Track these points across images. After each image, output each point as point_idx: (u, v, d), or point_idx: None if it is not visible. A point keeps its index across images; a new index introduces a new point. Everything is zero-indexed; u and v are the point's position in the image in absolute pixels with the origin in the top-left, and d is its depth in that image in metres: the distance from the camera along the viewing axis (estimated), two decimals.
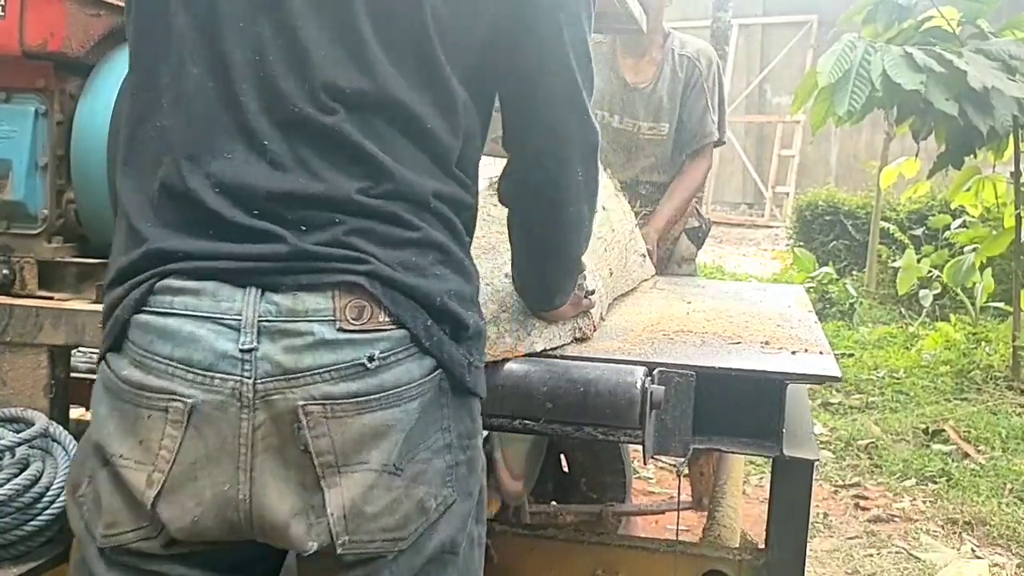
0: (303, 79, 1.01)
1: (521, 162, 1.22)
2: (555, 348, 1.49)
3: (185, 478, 0.99)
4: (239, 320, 0.98)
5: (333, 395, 0.99)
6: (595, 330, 1.61)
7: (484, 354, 1.16)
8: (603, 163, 2.06)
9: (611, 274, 1.89)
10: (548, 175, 1.20)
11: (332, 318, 0.99)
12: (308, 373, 0.98)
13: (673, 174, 2.97)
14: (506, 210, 1.29)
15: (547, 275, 1.38)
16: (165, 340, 0.99)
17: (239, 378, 0.98)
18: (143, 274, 1.01)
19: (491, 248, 1.59)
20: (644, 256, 2.26)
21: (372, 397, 1.00)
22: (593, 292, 1.55)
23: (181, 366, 0.98)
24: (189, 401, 0.98)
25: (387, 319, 1.01)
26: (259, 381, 0.98)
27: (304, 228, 1.00)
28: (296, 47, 1.01)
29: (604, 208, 1.93)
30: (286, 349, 0.98)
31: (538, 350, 1.45)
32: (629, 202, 2.33)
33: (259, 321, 0.98)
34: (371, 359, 1.00)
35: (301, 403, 0.98)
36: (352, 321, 1.00)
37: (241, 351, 0.98)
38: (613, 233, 1.97)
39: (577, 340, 1.56)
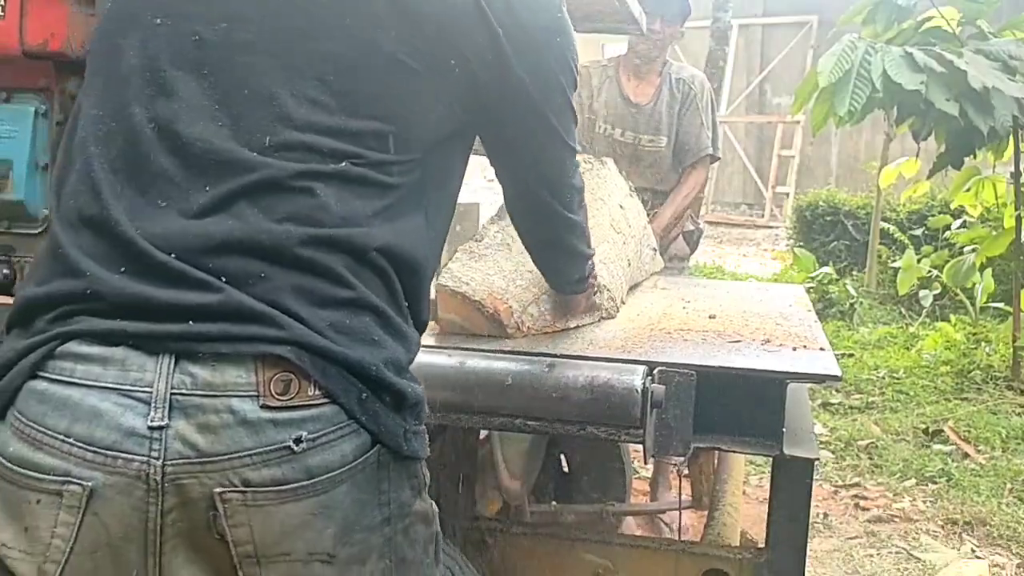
0: (253, 125, 0.95)
1: (519, 196, 1.31)
2: (585, 325, 1.72)
3: (84, 569, 0.88)
4: (149, 393, 0.87)
5: (253, 482, 0.88)
6: (618, 311, 1.84)
7: (422, 417, 1.03)
8: None
9: (629, 264, 2.07)
10: (544, 203, 1.29)
11: (254, 393, 0.88)
12: (226, 457, 0.87)
13: (671, 183, 3.36)
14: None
15: (556, 263, 1.50)
16: (62, 413, 0.88)
17: (146, 459, 0.87)
18: (43, 335, 0.91)
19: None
20: (655, 250, 2.41)
21: (298, 485, 0.89)
22: (597, 291, 1.71)
23: (79, 444, 0.87)
24: (88, 484, 0.87)
25: (317, 392, 0.90)
26: (169, 463, 0.87)
27: (227, 279, 0.90)
28: (257, 92, 0.96)
29: (622, 207, 2.10)
30: (201, 428, 0.87)
31: (572, 326, 1.68)
32: None
33: (172, 394, 0.87)
34: (298, 441, 0.89)
35: (218, 490, 0.87)
36: (277, 396, 0.89)
37: (150, 428, 0.87)
38: (630, 228, 2.11)
39: (603, 319, 1.78)
